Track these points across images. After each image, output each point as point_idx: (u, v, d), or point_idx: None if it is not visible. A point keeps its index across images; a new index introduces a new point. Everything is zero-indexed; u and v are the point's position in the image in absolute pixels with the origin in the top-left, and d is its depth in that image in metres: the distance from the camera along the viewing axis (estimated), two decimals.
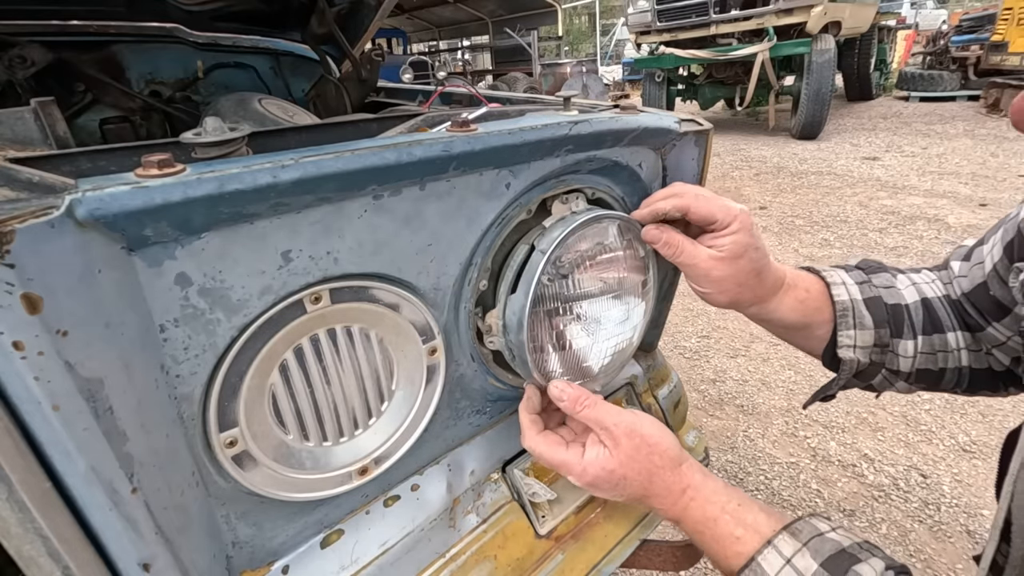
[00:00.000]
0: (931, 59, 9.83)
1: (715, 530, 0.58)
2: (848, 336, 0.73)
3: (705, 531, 0.59)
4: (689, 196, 0.69)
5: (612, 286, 0.72)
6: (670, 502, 0.61)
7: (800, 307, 0.75)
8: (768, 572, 0.52)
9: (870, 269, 0.78)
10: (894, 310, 0.73)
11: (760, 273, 0.71)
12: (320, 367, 0.54)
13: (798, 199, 4.69)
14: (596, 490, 0.63)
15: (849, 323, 0.73)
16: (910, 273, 0.78)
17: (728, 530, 0.57)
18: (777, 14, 6.34)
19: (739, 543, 0.56)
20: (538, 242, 0.65)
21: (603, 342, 0.73)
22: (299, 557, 0.60)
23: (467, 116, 0.58)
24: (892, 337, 0.73)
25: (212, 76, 1.47)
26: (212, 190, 0.39)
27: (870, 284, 0.76)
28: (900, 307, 0.74)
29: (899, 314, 0.73)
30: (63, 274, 0.34)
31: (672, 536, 0.86)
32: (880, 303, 0.74)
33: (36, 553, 0.36)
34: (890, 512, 1.63)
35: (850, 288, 0.75)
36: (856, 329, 0.73)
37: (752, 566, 0.53)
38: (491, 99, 1.13)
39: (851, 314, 0.73)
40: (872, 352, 0.73)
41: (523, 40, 12.48)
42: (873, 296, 0.74)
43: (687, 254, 0.69)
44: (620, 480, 0.61)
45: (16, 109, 0.85)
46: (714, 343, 2.63)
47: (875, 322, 0.73)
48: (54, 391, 0.34)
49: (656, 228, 0.70)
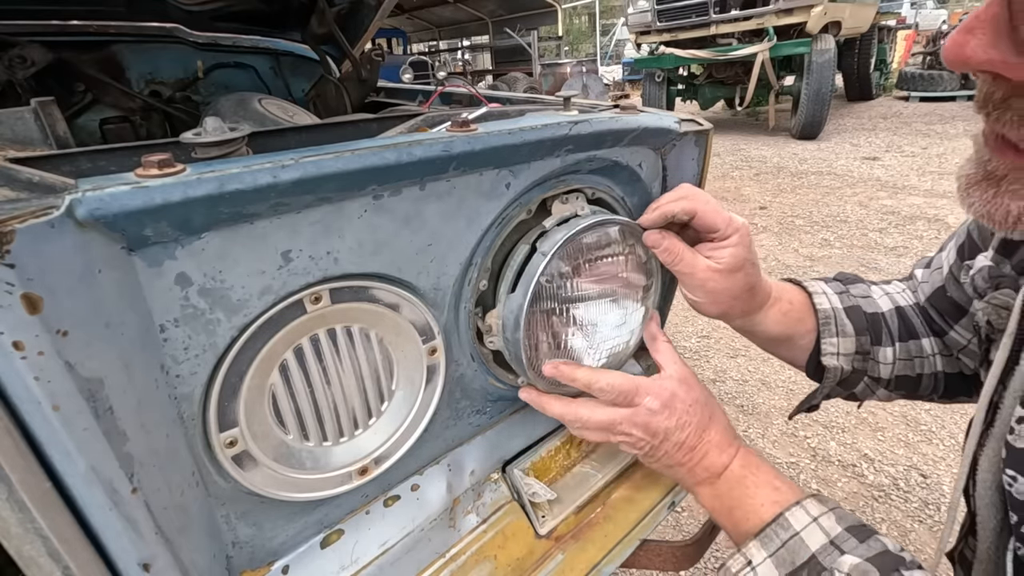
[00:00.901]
0: (931, 59, 9.82)
1: (758, 476, 0.61)
2: (831, 344, 0.75)
3: (748, 476, 0.61)
4: (699, 201, 0.69)
5: (610, 290, 0.72)
6: (726, 443, 0.64)
7: (784, 319, 0.76)
8: (795, 526, 0.55)
9: (847, 280, 0.81)
10: (872, 318, 0.76)
11: (753, 288, 0.72)
12: (320, 367, 0.54)
13: (798, 199, 4.69)
14: (666, 412, 0.63)
15: (832, 331, 0.75)
16: (882, 285, 0.81)
17: (768, 479, 0.61)
18: (777, 14, 6.34)
19: (777, 492, 0.59)
20: (540, 244, 0.65)
21: (599, 344, 0.73)
22: (299, 557, 0.60)
23: (467, 116, 0.58)
24: (872, 344, 0.75)
25: (212, 76, 1.47)
26: (212, 190, 0.39)
27: (848, 294, 0.78)
28: (877, 315, 0.77)
29: (877, 322, 0.76)
30: (63, 274, 0.34)
31: (672, 537, 0.85)
32: (860, 311, 0.76)
33: (36, 553, 0.36)
34: (890, 512, 1.63)
35: (831, 297, 0.77)
36: (839, 336, 0.75)
37: (780, 520, 0.56)
38: (491, 99, 1.13)
39: (833, 322, 0.75)
40: (854, 359, 0.75)
41: (523, 40, 12.49)
42: (853, 305, 0.77)
43: (686, 262, 0.69)
44: (692, 404, 0.63)
45: (16, 109, 0.85)
46: (714, 343, 2.63)
47: (856, 329, 0.75)
48: (54, 391, 0.34)
49: (658, 233, 0.70)
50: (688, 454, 0.63)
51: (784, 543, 0.54)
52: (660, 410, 0.62)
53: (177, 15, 1.40)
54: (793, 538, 0.54)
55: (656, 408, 0.62)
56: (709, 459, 0.63)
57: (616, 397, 0.63)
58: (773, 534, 0.55)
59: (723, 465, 0.62)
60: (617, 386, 0.63)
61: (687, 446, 0.63)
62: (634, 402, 0.63)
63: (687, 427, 0.63)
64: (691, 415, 0.63)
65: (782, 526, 0.55)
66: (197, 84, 1.45)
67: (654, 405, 0.62)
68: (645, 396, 0.63)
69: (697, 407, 0.64)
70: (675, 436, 0.62)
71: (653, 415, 0.62)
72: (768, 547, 0.55)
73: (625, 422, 0.63)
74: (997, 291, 0.59)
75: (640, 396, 0.63)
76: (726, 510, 0.61)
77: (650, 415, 0.62)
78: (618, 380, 0.64)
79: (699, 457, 0.63)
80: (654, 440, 0.63)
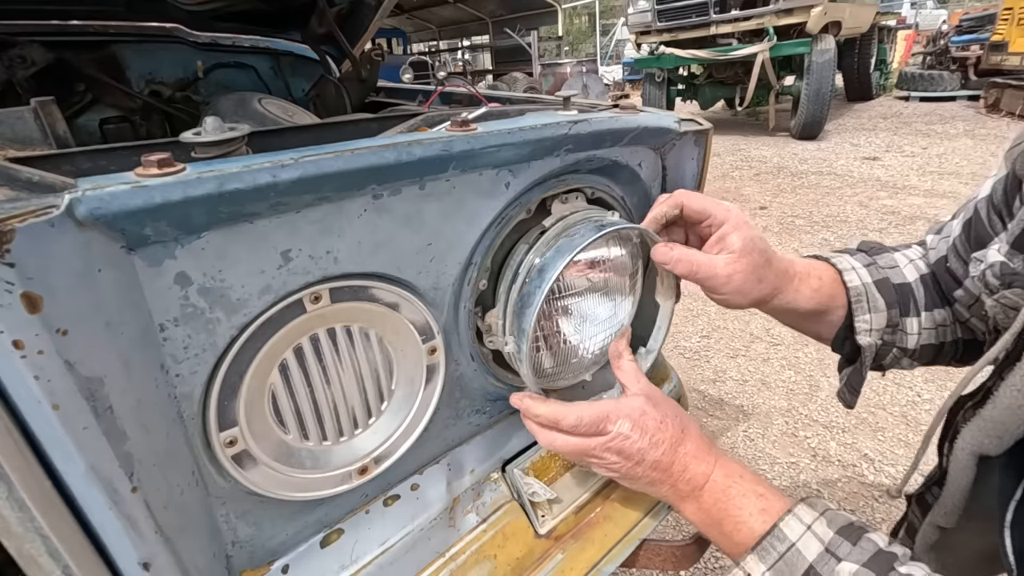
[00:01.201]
0: (931, 59, 9.83)
1: (742, 485, 0.60)
2: (864, 321, 0.74)
3: (732, 486, 0.60)
4: (680, 193, 0.71)
5: (600, 283, 0.72)
6: (703, 453, 0.63)
7: (816, 296, 0.75)
8: (790, 537, 0.55)
9: (872, 251, 0.80)
10: (900, 289, 0.75)
11: (771, 261, 0.71)
12: (320, 367, 0.54)
13: (798, 199, 4.69)
14: (637, 432, 0.61)
15: (864, 307, 0.74)
16: (904, 251, 0.80)
17: (752, 487, 0.60)
18: (777, 14, 6.34)
19: (763, 500, 0.59)
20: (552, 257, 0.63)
21: (590, 339, 0.73)
22: (299, 556, 0.60)
23: (467, 116, 0.58)
24: (900, 316, 0.75)
25: (212, 76, 1.47)
26: (212, 189, 0.39)
27: (876, 266, 0.77)
28: (906, 286, 0.76)
29: (905, 293, 0.75)
30: (63, 273, 0.34)
31: (672, 537, 0.85)
32: (888, 284, 0.75)
33: (36, 552, 0.36)
34: (890, 512, 1.63)
35: (860, 272, 0.76)
36: (871, 313, 0.74)
37: (775, 532, 0.56)
38: (491, 99, 1.13)
39: (865, 299, 0.74)
40: (884, 333, 0.75)
41: (523, 40, 12.48)
42: (881, 278, 0.76)
43: (704, 268, 0.68)
44: (661, 421, 0.63)
45: (16, 109, 0.85)
46: (714, 343, 2.63)
47: (887, 303, 0.74)
48: (54, 390, 0.34)
49: (665, 247, 0.69)
50: (667, 471, 0.62)
51: (782, 556, 0.54)
52: (631, 432, 0.61)
53: (177, 15, 1.40)
54: (790, 550, 0.54)
55: (627, 431, 0.61)
56: (689, 472, 0.62)
57: (587, 429, 0.62)
58: (770, 547, 0.55)
59: (705, 475, 0.62)
60: (586, 420, 0.62)
61: (664, 463, 0.62)
62: (606, 429, 0.62)
63: (661, 444, 0.62)
64: (663, 432, 0.62)
65: (777, 538, 0.55)
66: (197, 84, 1.45)
67: (625, 428, 0.61)
68: (616, 421, 0.62)
69: (668, 422, 0.63)
70: (651, 455, 0.61)
71: (626, 439, 0.61)
72: (766, 560, 0.55)
73: (598, 448, 0.62)
74: (1009, 289, 0.58)
75: (611, 422, 0.62)
76: (715, 523, 0.60)
77: (623, 440, 0.61)
78: (585, 413, 0.62)
79: (679, 471, 0.62)
80: (629, 462, 0.62)
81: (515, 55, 13.20)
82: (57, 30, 1.25)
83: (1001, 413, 0.57)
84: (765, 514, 0.57)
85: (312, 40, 1.53)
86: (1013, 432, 0.56)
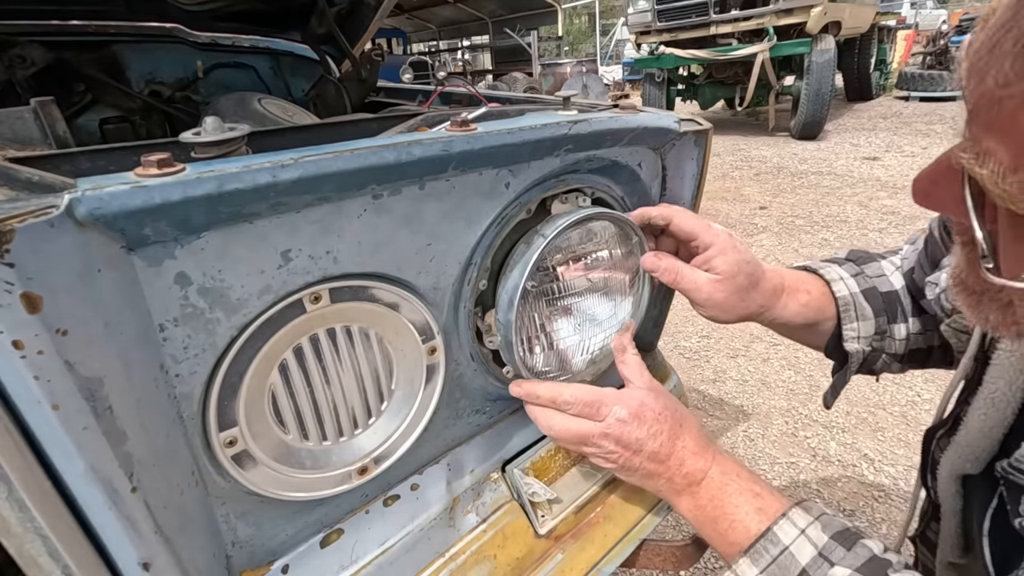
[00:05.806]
0: (931, 59, 9.82)
1: (739, 484, 0.60)
2: (852, 329, 0.76)
3: (729, 484, 0.61)
4: (674, 209, 0.72)
5: (600, 284, 0.73)
6: (701, 449, 0.63)
7: (805, 310, 0.77)
8: (784, 540, 0.55)
9: (860, 260, 0.82)
10: (887, 297, 0.78)
11: (758, 284, 0.73)
12: (320, 367, 0.54)
13: (798, 199, 4.69)
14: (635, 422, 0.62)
15: (852, 316, 0.76)
16: (890, 258, 0.82)
17: (748, 486, 0.60)
18: (777, 14, 6.34)
19: (759, 499, 0.59)
20: (541, 227, 0.65)
21: (589, 339, 0.73)
22: (299, 556, 0.60)
23: (467, 116, 0.58)
24: (888, 323, 0.77)
25: (212, 76, 1.47)
26: (211, 189, 0.39)
27: (864, 275, 0.79)
28: (893, 293, 0.78)
29: (892, 300, 0.78)
30: (63, 273, 0.34)
31: (672, 537, 0.86)
32: (876, 292, 0.78)
33: (36, 552, 0.36)
34: (890, 512, 1.63)
35: (847, 282, 0.78)
36: (859, 321, 0.76)
37: (769, 535, 0.56)
38: (491, 99, 1.13)
39: (853, 308, 0.76)
40: (873, 340, 0.77)
41: (523, 40, 12.48)
42: (869, 287, 0.78)
43: (687, 279, 0.70)
44: (660, 413, 0.63)
45: (16, 109, 0.85)
46: (714, 343, 2.63)
47: (874, 311, 0.77)
48: (54, 390, 0.34)
49: (654, 255, 0.71)
50: (664, 463, 0.62)
51: (775, 559, 0.54)
52: (629, 420, 0.62)
53: (177, 15, 1.40)
54: (783, 553, 0.54)
55: (625, 418, 0.62)
56: (687, 466, 0.62)
57: (582, 409, 0.63)
58: (763, 549, 0.55)
59: (702, 471, 0.62)
60: (581, 397, 0.63)
61: (662, 455, 0.62)
62: (601, 413, 0.62)
63: (659, 435, 0.62)
64: (662, 423, 0.62)
65: (771, 541, 0.55)
66: (197, 84, 1.45)
67: (623, 415, 0.62)
68: (613, 407, 0.62)
69: (667, 414, 0.63)
70: (648, 446, 0.62)
71: (623, 425, 0.61)
72: (759, 563, 0.55)
73: (596, 435, 0.62)
74: (958, 314, 0.60)
75: (607, 407, 0.62)
76: (709, 520, 0.61)
77: (621, 425, 0.62)
78: (582, 392, 0.63)
79: (676, 465, 0.62)
80: (627, 451, 0.62)
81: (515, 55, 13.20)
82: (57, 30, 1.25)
83: (974, 437, 0.58)
84: (761, 514, 0.57)
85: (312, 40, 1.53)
86: (989, 452, 0.57)
